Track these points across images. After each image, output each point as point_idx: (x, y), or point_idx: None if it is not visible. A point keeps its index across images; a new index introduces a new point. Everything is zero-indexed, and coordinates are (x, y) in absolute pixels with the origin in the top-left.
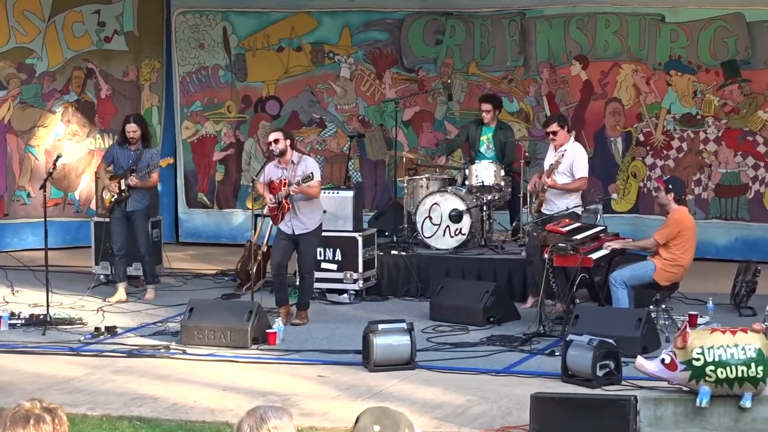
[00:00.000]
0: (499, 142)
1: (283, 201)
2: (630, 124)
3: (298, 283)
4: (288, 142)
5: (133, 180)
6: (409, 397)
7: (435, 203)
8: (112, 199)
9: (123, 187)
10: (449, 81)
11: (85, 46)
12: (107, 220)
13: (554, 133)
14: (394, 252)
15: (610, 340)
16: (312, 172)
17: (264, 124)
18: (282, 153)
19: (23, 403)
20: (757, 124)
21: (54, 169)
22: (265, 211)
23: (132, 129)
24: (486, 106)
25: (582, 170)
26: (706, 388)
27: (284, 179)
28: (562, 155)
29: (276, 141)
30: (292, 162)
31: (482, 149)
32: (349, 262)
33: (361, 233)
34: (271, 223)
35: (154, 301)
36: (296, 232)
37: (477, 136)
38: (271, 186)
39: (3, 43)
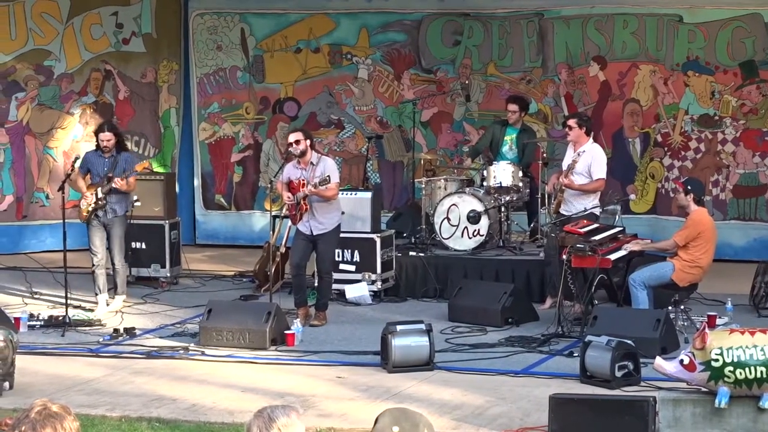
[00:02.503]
0: (521, 144)
1: (302, 202)
2: (648, 124)
3: (316, 283)
4: (308, 142)
5: (117, 181)
6: (427, 398)
7: (453, 204)
8: (89, 209)
9: (100, 195)
10: (467, 82)
11: (103, 47)
12: (128, 221)
13: (570, 127)
14: (412, 253)
15: (629, 341)
16: (329, 176)
17: (282, 125)
18: (302, 153)
19: (39, 402)
20: None
21: (72, 170)
22: (284, 211)
23: (106, 138)
24: (512, 107)
25: (600, 172)
26: (725, 388)
27: (303, 180)
28: (579, 156)
29: (297, 142)
30: (312, 163)
31: (504, 149)
32: (368, 264)
33: (379, 234)
34: (289, 224)
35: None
36: (314, 233)
37: (501, 136)
38: (290, 186)
39: (21, 45)
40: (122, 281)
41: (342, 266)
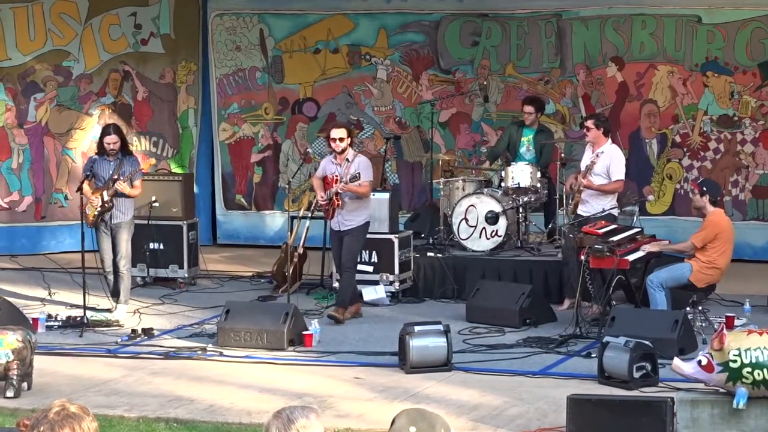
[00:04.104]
0: (539, 145)
1: (334, 197)
2: (665, 125)
3: (335, 283)
4: (350, 140)
5: (120, 184)
6: (445, 399)
7: (471, 205)
8: (96, 213)
9: (106, 199)
10: (486, 83)
11: (122, 48)
12: (145, 222)
13: (588, 128)
14: (430, 254)
15: (647, 342)
16: (359, 173)
17: (301, 125)
18: (343, 150)
19: (57, 403)
20: None
21: (90, 173)
22: (302, 211)
23: (112, 140)
24: (528, 108)
25: (618, 173)
26: (743, 389)
27: (336, 176)
28: (598, 156)
29: (341, 139)
30: (347, 159)
31: (522, 150)
32: (386, 264)
33: (397, 235)
34: (307, 224)
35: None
36: (342, 228)
37: (518, 137)
38: (324, 181)
39: (40, 46)
40: (126, 289)
41: (360, 266)
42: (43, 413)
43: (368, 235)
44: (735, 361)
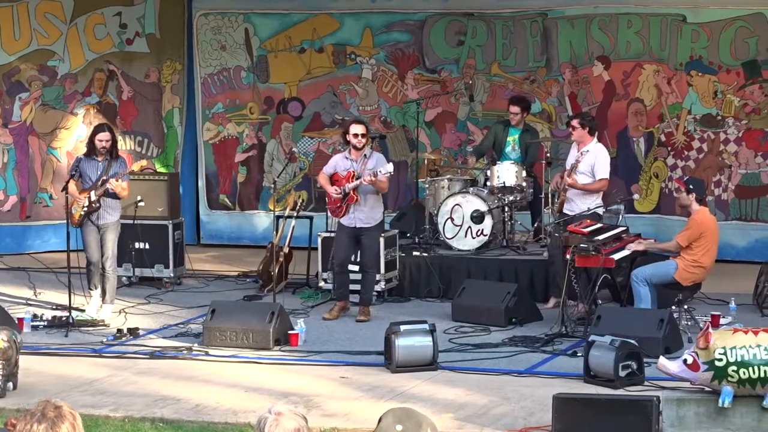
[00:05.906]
0: (524, 144)
1: (351, 192)
2: (652, 124)
3: (318, 284)
4: (367, 137)
5: (112, 182)
6: (431, 398)
7: (457, 204)
8: (82, 212)
9: (93, 199)
10: (471, 82)
11: (107, 48)
12: (130, 221)
13: (573, 127)
14: (415, 253)
15: (633, 341)
16: (390, 164)
17: (286, 125)
18: (363, 146)
19: (51, 402)
20: None
21: (75, 173)
22: (287, 212)
23: (105, 137)
24: (514, 108)
25: (603, 172)
26: (729, 388)
27: (352, 171)
28: (583, 155)
29: (363, 135)
30: (365, 156)
31: (507, 150)
32: None
33: (383, 234)
34: (293, 224)
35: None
36: (358, 225)
37: (503, 136)
38: (333, 178)
39: (25, 46)
40: (112, 289)
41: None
42: (29, 413)
43: None
44: (720, 360)
